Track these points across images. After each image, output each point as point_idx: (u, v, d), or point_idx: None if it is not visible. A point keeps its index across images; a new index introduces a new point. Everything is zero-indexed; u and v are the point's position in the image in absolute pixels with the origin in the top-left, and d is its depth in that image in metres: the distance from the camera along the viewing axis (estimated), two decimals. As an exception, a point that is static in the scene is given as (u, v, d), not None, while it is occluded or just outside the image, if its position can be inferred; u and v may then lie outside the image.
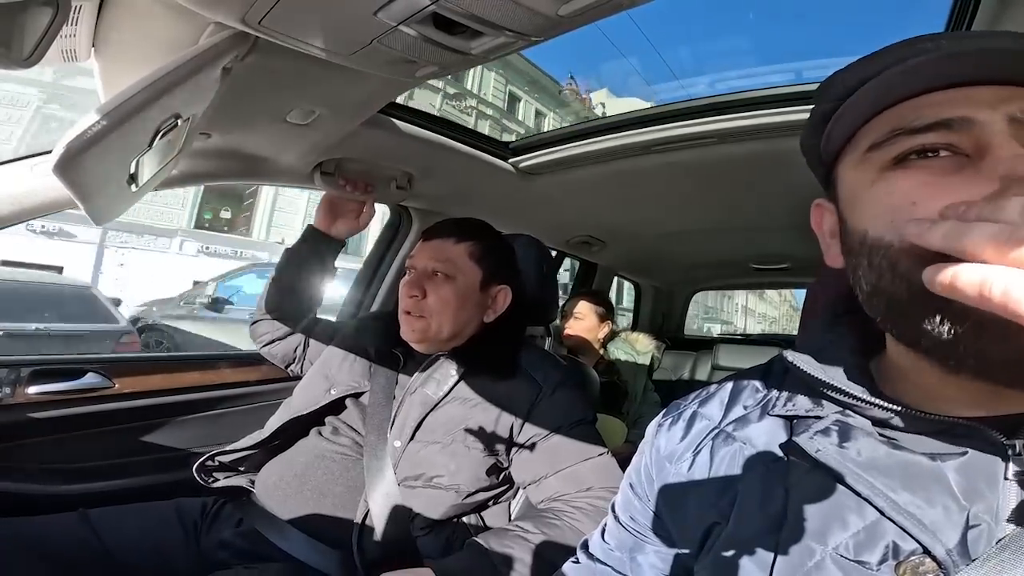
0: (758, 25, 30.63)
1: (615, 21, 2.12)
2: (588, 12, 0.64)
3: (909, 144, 0.39)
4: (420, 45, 0.70)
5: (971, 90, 0.38)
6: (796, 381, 0.49)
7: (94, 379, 1.26)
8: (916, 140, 0.39)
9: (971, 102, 0.38)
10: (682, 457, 0.54)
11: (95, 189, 0.71)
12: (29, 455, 1.17)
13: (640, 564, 0.57)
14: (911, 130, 0.39)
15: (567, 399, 1.08)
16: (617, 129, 1.31)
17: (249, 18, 0.64)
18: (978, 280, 0.27)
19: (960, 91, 0.38)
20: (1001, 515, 0.36)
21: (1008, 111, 0.37)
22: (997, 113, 0.37)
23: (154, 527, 1.04)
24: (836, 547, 0.39)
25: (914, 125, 0.39)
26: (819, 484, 0.42)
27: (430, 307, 1.08)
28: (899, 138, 0.39)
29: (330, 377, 1.18)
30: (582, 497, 0.99)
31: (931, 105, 0.39)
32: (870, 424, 0.43)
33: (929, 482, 0.38)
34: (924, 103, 0.39)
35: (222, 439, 1.28)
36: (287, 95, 0.93)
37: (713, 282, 3.48)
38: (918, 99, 0.39)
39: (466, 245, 1.12)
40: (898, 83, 0.39)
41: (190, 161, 1.12)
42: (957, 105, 0.38)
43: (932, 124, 0.38)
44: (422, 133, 1.25)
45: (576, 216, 1.94)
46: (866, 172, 0.42)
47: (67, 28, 0.66)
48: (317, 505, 1.02)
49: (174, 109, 0.71)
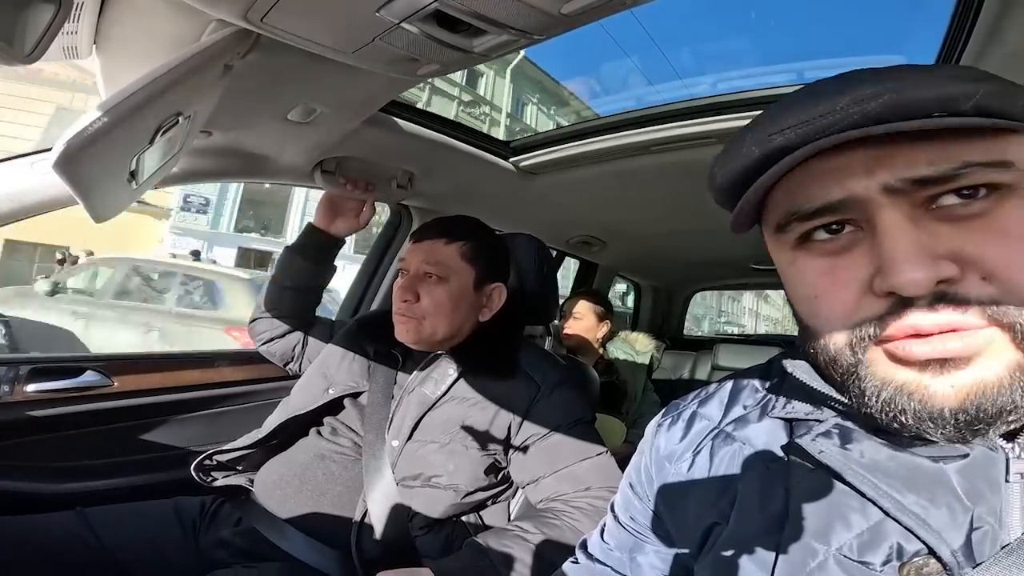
0: (759, 25, 30.70)
1: (616, 20, 2.11)
2: (590, 10, 0.63)
3: (806, 227, 0.40)
4: (422, 43, 0.70)
5: (848, 156, 0.37)
6: (795, 386, 0.49)
7: (93, 377, 1.25)
8: (811, 223, 0.40)
9: (850, 172, 0.37)
10: (682, 457, 0.53)
11: (95, 186, 0.71)
12: (27, 453, 1.16)
13: (640, 564, 0.56)
14: (804, 215, 0.39)
15: (566, 399, 1.07)
16: (618, 129, 1.31)
17: (251, 15, 0.64)
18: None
19: (838, 158, 0.37)
20: (1004, 517, 0.36)
21: (883, 180, 0.36)
22: (872, 183, 0.36)
23: (152, 526, 1.04)
24: (840, 547, 0.39)
25: (805, 210, 0.39)
26: (822, 485, 0.42)
27: (424, 309, 1.07)
28: (796, 223, 0.40)
29: (328, 376, 1.17)
30: (581, 497, 0.98)
31: (814, 179, 0.39)
32: (869, 429, 0.43)
33: (933, 484, 0.38)
34: (809, 177, 0.39)
35: (221, 438, 1.28)
36: (288, 93, 0.93)
37: (712, 282, 3.48)
38: (801, 171, 0.39)
39: (457, 246, 1.11)
40: (771, 178, 0.39)
41: (191, 159, 1.12)
42: (835, 178, 0.38)
43: (820, 209, 0.39)
44: (423, 132, 1.25)
45: (576, 216, 1.94)
46: (782, 251, 0.44)
47: (69, 25, 0.66)
48: (316, 504, 1.02)
49: (175, 106, 0.71)
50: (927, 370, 0.36)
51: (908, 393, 0.37)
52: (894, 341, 0.37)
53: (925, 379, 0.36)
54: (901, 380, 0.37)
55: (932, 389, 0.36)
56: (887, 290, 0.36)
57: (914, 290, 0.35)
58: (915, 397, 0.37)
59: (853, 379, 0.40)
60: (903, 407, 0.37)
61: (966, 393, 0.35)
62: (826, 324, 0.40)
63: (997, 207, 0.35)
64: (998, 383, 0.35)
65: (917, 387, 0.37)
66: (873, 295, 0.37)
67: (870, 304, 0.38)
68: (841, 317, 0.39)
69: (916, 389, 0.37)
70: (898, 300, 0.36)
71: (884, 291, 0.36)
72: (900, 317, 0.36)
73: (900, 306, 0.36)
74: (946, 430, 0.36)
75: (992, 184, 0.35)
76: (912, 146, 0.36)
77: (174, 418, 1.36)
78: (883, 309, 0.37)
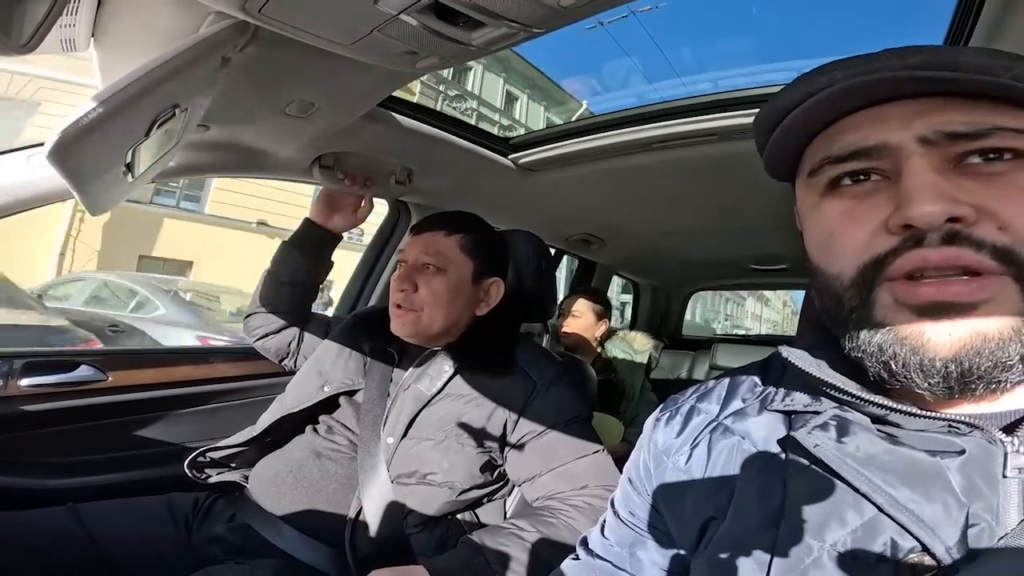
0: (760, 22, 30.75)
1: (612, 14, 2.06)
2: (590, 4, 0.63)
3: (836, 172, 0.42)
4: (421, 35, 0.69)
5: (884, 109, 0.39)
6: (794, 377, 0.49)
7: (87, 372, 1.24)
8: (841, 168, 0.41)
9: (884, 124, 0.39)
10: (679, 450, 0.53)
11: (90, 177, 0.71)
12: (20, 448, 1.16)
13: (640, 559, 0.56)
14: (836, 159, 0.41)
15: (562, 396, 1.07)
16: (618, 126, 1.31)
17: (249, 7, 0.63)
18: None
19: (875, 111, 0.40)
20: (1001, 513, 0.36)
21: (919, 132, 0.38)
22: (908, 134, 0.38)
23: (145, 522, 1.03)
24: (834, 544, 0.39)
25: (838, 154, 0.41)
26: (817, 480, 0.42)
27: (421, 300, 1.07)
28: (827, 167, 0.42)
29: (324, 374, 1.17)
30: (577, 495, 0.98)
31: (851, 129, 0.41)
32: (868, 420, 0.42)
33: (928, 479, 0.38)
34: (847, 126, 0.41)
35: (215, 434, 1.27)
36: (286, 87, 0.93)
37: (712, 282, 3.48)
38: (841, 122, 0.42)
39: (457, 237, 1.12)
40: (812, 119, 0.42)
41: (188, 153, 1.11)
42: (873, 128, 0.40)
43: (853, 153, 0.40)
44: (422, 128, 1.24)
45: (575, 213, 1.94)
46: (809, 196, 0.45)
47: (67, 17, 0.65)
48: (311, 501, 1.01)
49: (172, 99, 0.70)
50: (926, 316, 0.37)
51: (902, 338, 0.38)
52: (900, 280, 0.38)
53: (923, 325, 0.37)
54: (897, 325, 0.38)
55: (927, 335, 0.37)
56: (902, 223, 0.37)
57: (927, 220, 0.36)
58: (908, 342, 0.37)
59: (853, 321, 0.41)
60: (895, 352, 0.38)
61: (963, 344, 0.36)
62: (837, 261, 0.41)
63: (1018, 169, 0.37)
64: (999, 335, 0.36)
65: (912, 332, 0.37)
66: (887, 232, 0.38)
67: (883, 239, 0.39)
68: (853, 253, 0.40)
69: (911, 334, 0.37)
70: (911, 236, 0.37)
71: (899, 225, 0.37)
72: (910, 249, 0.37)
73: (912, 240, 0.37)
74: (934, 381, 0.37)
75: (1017, 150, 0.37)
76: (948, 105, 0.38)
77: (168, 414, 1.35)
78: (895, 243, 0.38)
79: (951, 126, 0.37)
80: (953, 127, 0.37)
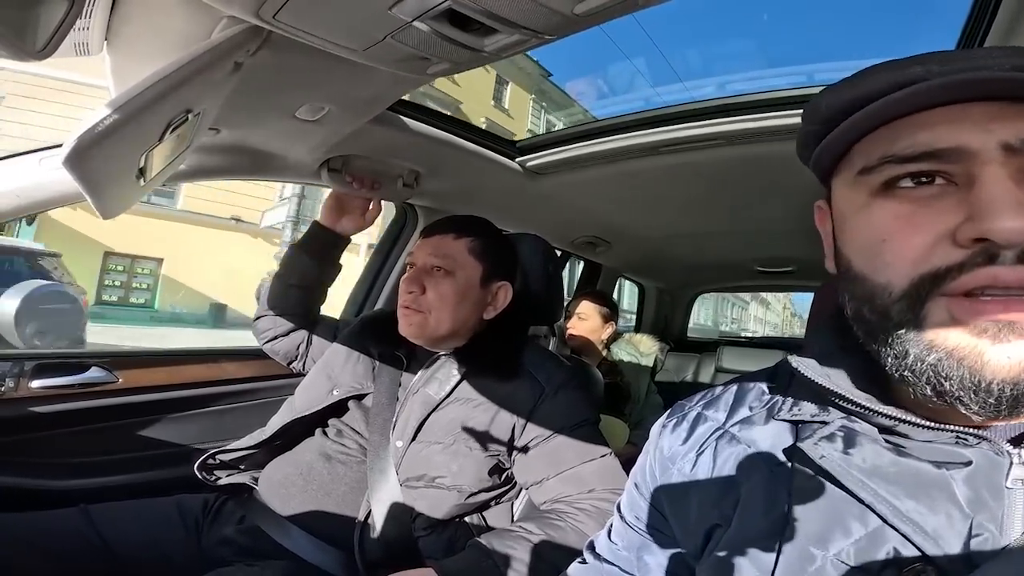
0: (768, 27, 30.65)
1: (621, 22, 2.11)
2: (603, 11, 0.63)
3: (897, 172, 0.39)
4: (433, 41, 0.69)
5: (963, 109, 0.36)
6: (802, 386, 0.48)
7: (97, 374, 1.25)
8: (904, 168, 0.38)
9: (964, 126, 0.36)
10: (685, 457, 0.53)
11: (104, 183, 0.71)
12: (31, 450, 1.16)
13: (647, 563, 0.56)
14: (901, 158, 0.38)
15: (570, 400, 1.07)
16: (625, 130, 1.30)
17: (263, 12, 0.63)
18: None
19: (953, 110, 0.36)
20: (1006, 524, 0.36)
21: (1002, 137, 0.35)
22: (991, 139, 0.35)
23: (155, 524, 1.04)
24: (837, 553, 0.39)
25: (904, 153, 0.38)
26: (822, 490, 0.42)
27: (429, 302, 1.07)
28: (887, 166, 0.39)
29: (333, 377, 1.17)
30: (585, 498, 0.98)
31: (924, 127, 0.37)
32: (876, 431, 0.42)
33: (933, 490, 0.38)
34: (917, 123, 0.38)
35: (224, 435, 1.28)
36: (297, 91, 0.93)
37: (717, 284, 3.48)
38: (910, 119, 0.38)
39: (466, 241, 1.12)
40: (891, 112, 0.38)
41: (199, 156, 1.11)
42: (950, 129, 0.36)
43: (924, 153, 0.37)
44: (430, 131, 1.25)
45: (582, 216, 1.93)
46: (857, 195, 0.42)
47: (81, 21, 0.66)
48: (321, 504, 1.02)
49: (185, 103, 0.71)
50: (985, 335, 0.35)
51: (959, 358, 0.35)
52: (961, 296, 0.35)
53: (982, 345, 0.35)
54: (953, 344, 0.35)
55: (987, 357, 0.34)
56: (977, 235, 0.34)
57: (1008, 236, 0.33)
58: (965, 363, 0.35)
59: (900, 337, 0.38)
60: (948, 373, 0.35)
61: (1022, 366, 0.34)
62: (887, 270, 0.38)
63: None
64: None
65: (970, 352, 0.35)
66: (952, 243, 0.36)
67: (946, 251, 0.36)
68: (909, 262, 0.37)
69: (968, 355, 0.35)
70: (982, 250, 0.35)
71: (972, 237, 0.35)
72: (980, 266, 0.34)
73: (984, 256, 0.35)
74: (987, 404, 0.35)
75: None
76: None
77: (178, 415, 1.35)
78: (962, 257, 0.35)
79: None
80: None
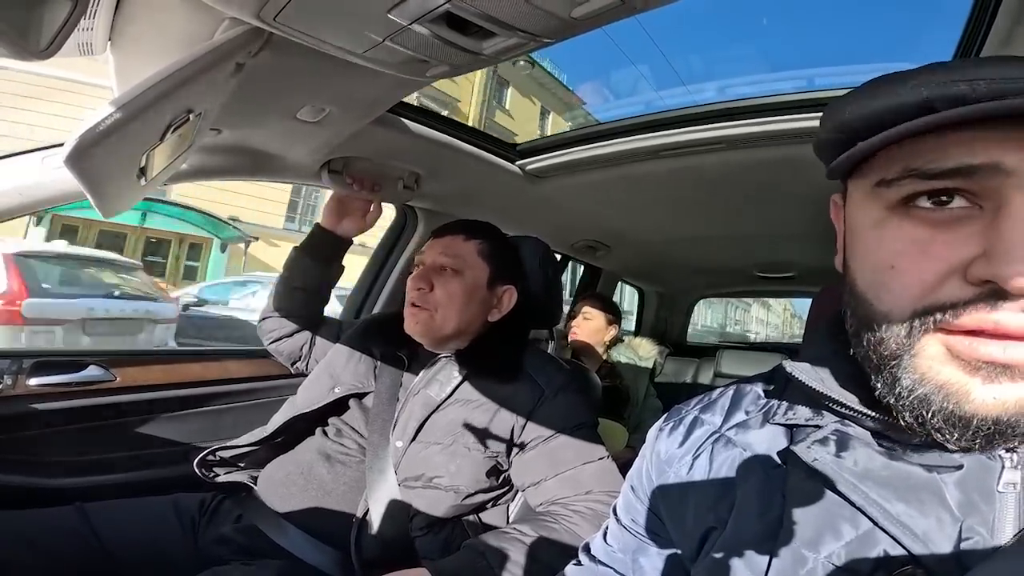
0: (769, 31, 30.59)
1: (623, 26, 2.10)
2: (601, 15, 0.64)
3: (921, 188, 0.36)
4: (432, 44, 0.70)
5: (1002, 131, 0.33)
6: (796, 390, 0.49)
7: (96, 372, 1.26)
8: (929, 185, 0.36)
9: (1004, 144, 0.33)
10: (681, 461, 0.54)
11: (105, 182, 0.71)
12: (28, 447, 1.17)
13: (643, 566, 0.57)
14: (926, 174, 0.35)
15: (569, 403, 1.08)
16: (625, 133, 1.31)
17: (264, 13, 0.64)
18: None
19: (992, 129, 0.33)
20: (996, 528, 0.36)
21: None
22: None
23: (151, 522, 1.04)
24: (828, 555, 0.40)
25: (931, 168, 0.35)
26: (814, 493, 0.42)
27: (436, 300, 1.09)
28: (911, 180, 0.36)
29: (334, 376, 1.18)
30: (581, 501, 0.98)
31: (955, 143, 0.34)
32: (869, 434, 0.43)
33: (924, 493, 0.38)
34: (949, 139, 0.34)
35: (223, 435, 1.28)
36: (298, 92, 0.93)
37: (717, 289, 3.48)
38: (943, 132, 0.34)
39: (476, 243, 1.14)
40: (924, 127, 0.34)
41: (199, 156, 1.12)
42: (987, 147, 0.33)
43: (951, 170, 0.34)
44: (430, 133, 1.25)
45: (582, 220, 1.94)
46: (872, 207, 0.40)
47: (84, 21, 0.66)
48: (319, 503, 1.02)
49: (187, 104, 0.71)
50: (978, 374, 0.34)
51: (946, 394, 0.35)
52: (961, 334, 0.34)
53: (971, 384, 0.34)
54: (943, 379, 0.35)
55: (973, 395, 0.34)
56: (987, 277, 0.33)
57: (1021, 286, 0.31)
58: (951, 399, 0.35)
59: (891, 367, 0.37)
60: (935, 408, 0.35)
61: (1006, 407, 0.34)
62: (892, 299, 0.37)
63: None
64: None
65: (958, 390, 0.35)
66: (962, 279, 0.34)
67: (955, 288, 0.34)
68: (915, 295, 0.36)
69: (956, 391, 0.35)
70: (990, 292, 0.33)
71: (982, 278, 0.33)
72: (985, 310, 0.33)
73: (991, 298, 0.33)
74: (964, 437, 0.35)
75: None
76: None
77: (176, 414, 1.36)
78: (969, 296, 0.34)
79: None
80: None
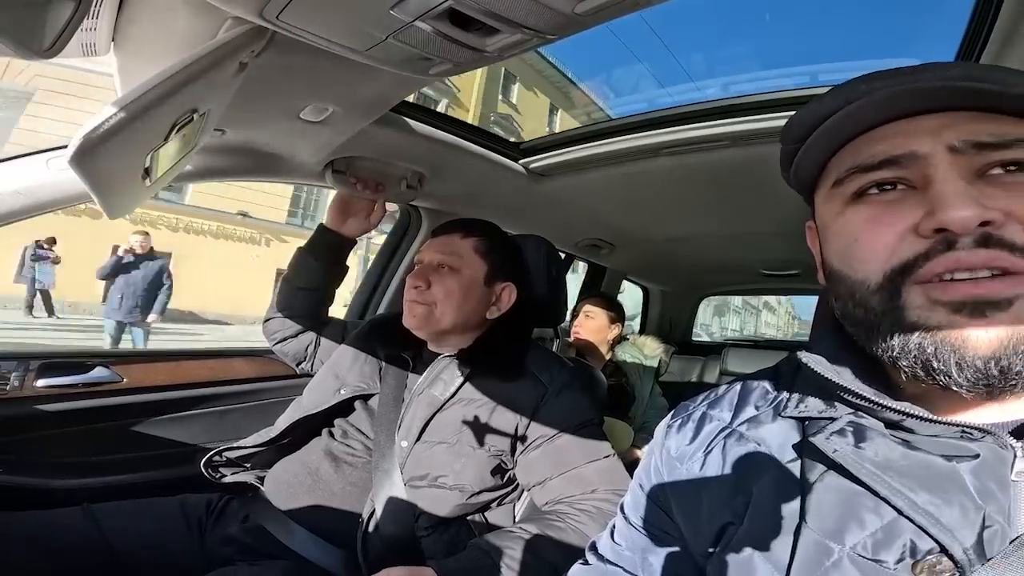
0: (772, 28, 30.50)
1: (626, 22, 2.09)
2: (604, 10, 0.63)
3: (864, 181, 0.43)
4: (435, 41, 0.70)
5: (915, 122, 0.42)
6: (808, 382, 0.49)
7: (102, 373, 1.26)
8: (869, 177, 0.43)
9: (914, 135, 0.41)
10: (693, 457, 0.54)
11: (110, 182, 0.72)
12: (35, 449, 1.17)
13: (652, 564, 0.56)
14: (865, 168, 0.43)
15: (573, 400, 1.07)
16: (628, 131, 1.30)
17: (267, 12, 0.64)
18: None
19: (906, 123, 0.42)
20: (1013, 515, 0.37)
21: (948, 141, 0.40)
22: (938, 144, 0.40)
23: (158, 523, 1.04)
24: (854, 546, 0.40)
25: (867, 163, 0.43)
26: (836, 484, 0.42)
27: (434, 296, 1.10)
28: (856, 175, 0.44)
29: (340, 377, 1.18)
30: (587, 499, 0.98)
31: (881, 139, 0.43)
32: (883, 425, 0.43)
33: (945, 482, 0.38)
34: (876, 137, 0.43)
35: (228, 435, 1.28)
36: (301, 91, 0.94)
37: (722, 287, 3.47)
38: (870, 133, 0.44)
39: (472, 240, 1.15)
40: (847, 126, 0.44)
41: (203, 157, 1.12)
42: (903, 139, 0.42)
43: (882, 162, 0.42)
44: (434, 132, 1.25)
45: (585, 218, 1.93)
46: (833, 204, 0.46)
47: (88, 21, 0.66)
48: (326, 503, 1.02)
49: (191, 104, 0.71)
50: (962, 311, 0.37)
51: (940, 337, 0.38)
52: (934, 281, 0.39)
53: (960, 323, 0.37)
54: (934, 323, 0.38)
55: (966, 333, 0.37)
56: (936, 227, 0.38)
57: (961, 224, 0.37)
58: (947, 341, 0.38)
59: (883, 326, 0.41)
60: (934, 349, 0.38)
61: (1000, 341, 0.37)
62: (862, 266, 0.42)
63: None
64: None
65: (950, 330, 0.38)
66: (916, 236, 0.40)
67: (912, 243, 0.40)
68: (880, 257, 0.41)
69: (949, 333, 0.38)
70: (943, 239, 0.38)
71: (932, 229, 0.39)
72: (945, 252, 0.38)
73: (944, 245, 0.38)
74: (974, 380, 0.37)
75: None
76: (975, 118, 0.40)
77: (182, 415, 1.36)
78: (926, 246, 0.39)
79: (978, 136, 0.39)
80: (980, 137, 0.39)
